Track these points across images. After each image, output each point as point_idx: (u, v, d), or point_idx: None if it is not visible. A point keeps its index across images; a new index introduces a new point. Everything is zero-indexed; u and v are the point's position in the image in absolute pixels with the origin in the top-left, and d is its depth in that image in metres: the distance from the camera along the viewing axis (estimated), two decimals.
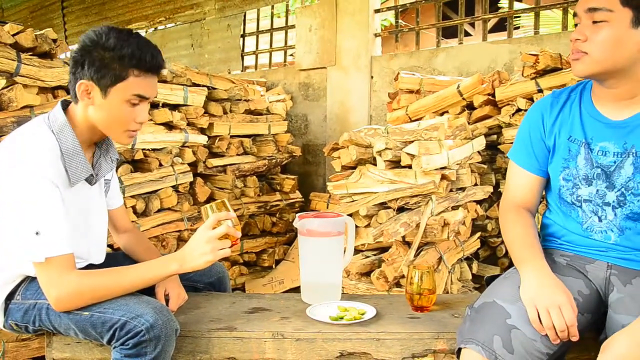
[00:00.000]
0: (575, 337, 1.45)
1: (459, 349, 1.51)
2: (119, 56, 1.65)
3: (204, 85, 3.99)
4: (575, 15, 1.59)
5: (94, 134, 1.79)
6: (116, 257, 2.09)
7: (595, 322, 1.60)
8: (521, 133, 1.82)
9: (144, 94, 1.72)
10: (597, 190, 1.64)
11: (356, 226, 2.87)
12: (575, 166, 1.67)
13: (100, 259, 1.96)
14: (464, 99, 3.64)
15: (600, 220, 1.65)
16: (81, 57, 1.68)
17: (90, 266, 1.88)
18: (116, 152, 1.95)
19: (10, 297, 1.76)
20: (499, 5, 5.52)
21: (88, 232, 1.87)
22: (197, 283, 2.15)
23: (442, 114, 3.67)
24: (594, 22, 1.52)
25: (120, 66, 1.66)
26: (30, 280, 1.74)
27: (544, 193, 1.85)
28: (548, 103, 1.76)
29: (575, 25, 1.60)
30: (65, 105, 1.78)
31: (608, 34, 1.50)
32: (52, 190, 1.61)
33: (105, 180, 1.97)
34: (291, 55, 5.87)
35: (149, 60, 1.69)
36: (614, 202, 1.62)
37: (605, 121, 1.63)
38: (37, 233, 1.57)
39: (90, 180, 1.80)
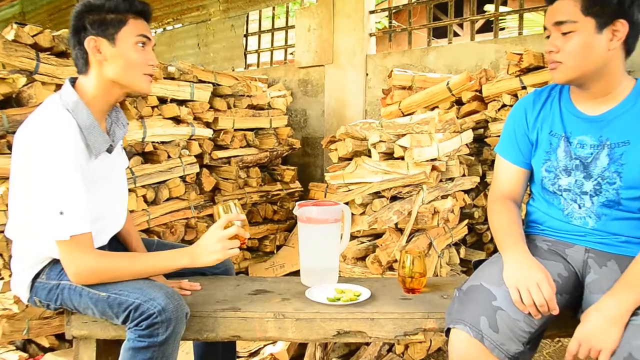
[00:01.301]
0: (555, 311, 1.47)
1: (448, 329, 1.53)
2: (113, 7, 1.70)
3: (209, 82, 3.98)
4: (545, 28, 1.62)
5: (109, 99, 1.78)
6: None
7: (573, 301, 1.63)
8: (506, 129, 1.84)
9: (147, 34, 1.76)
10: (576, 180, 1.66)
11: (352, 214, 2.88)
12: (556, 158, 1.70)
13: (122, 221, 1.97)
14: (453, 95, 3.63)
15: (579, 207, 1.68)
16: (80, 21, 1.70)
17: (112, 240, 1.90)
18: (125, 116, 1.94)
19: (36, 276, 1.78)
20: (485, 9, 5.51)
21: (113, 196, 1.88)
22: (205, 272, 2.16)
23: (432, 109, 3.67)
24: (563, 33, 1.56)
25: (117, 14, 1.71)
26: (55, 262, 1.75)
27: (528, 183, 1.87)
28: (531, 100, 1.79)
29: (547, 37, 1.62)
30: (72, 82, 1.77)
31: (577, 43, 1.54)
32: (74, 170, 1.60)
33: (119, 144, 1.97)
34: (291, 53, 5.84)
35: (138, 4, 1.75)
36: (590, 191, 1.65)
37: (582, 117, 1.66)
38: (61, 213, 1.57)
39: (110, 149, 1.80)
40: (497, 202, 1.81)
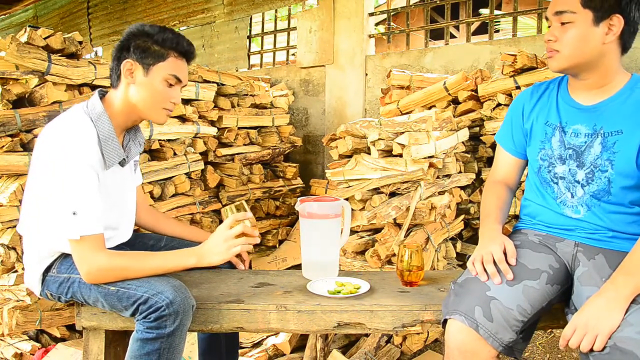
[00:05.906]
0: (508, 274, 1.52)
1: (445, 321, 1.53)
2: (161, 40, 1.73)
3: (213, 82, 3.98)
4: (547, 19, 1.65)
5: (128, 118, 1.81)
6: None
7: (564, 293, 1.63)
8: (505, 119, 1.91)
9: (179, 76, 1.78)
10: (570, 169, 1.68)
11: (352, 209, 2.87)
12: (550, 147, 1.72)
13: (129, 234, 1.97)
14: (449, 94, 3.63)
15: (572, 196, 1.69)
16: (127, 42, 1.74)
17: (119, 246, 1.89)
18: (143, 136, 1.96)
19: (47, 270, 1.78)
20: (480, 12, 5.50)
21: (121, 209, 1.89)
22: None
23: (429, 108, 3.66)
24: (562, 23, 1.58)
25: (162, 48, 1.73)
26: (65, 256, 1.76)
27: (526, 175, 1.91)
28: (529, 93, 1.84)
29: (549, 27, 1.64)
30: (102, 95, 1.80)
31: (574, 33, 1.56)
32: (90, 174, 1.63)
33: (134, 161, 2.00)
34: (293, 54, 5.84)
35: (185, 46, 1.78)
36: (582, 180, 1.66)
37: (578, 106, 1.68)
38: (74, 213, 1.59)
39: (123, 163, 1.82)
40: (489, 185, 1.91)
